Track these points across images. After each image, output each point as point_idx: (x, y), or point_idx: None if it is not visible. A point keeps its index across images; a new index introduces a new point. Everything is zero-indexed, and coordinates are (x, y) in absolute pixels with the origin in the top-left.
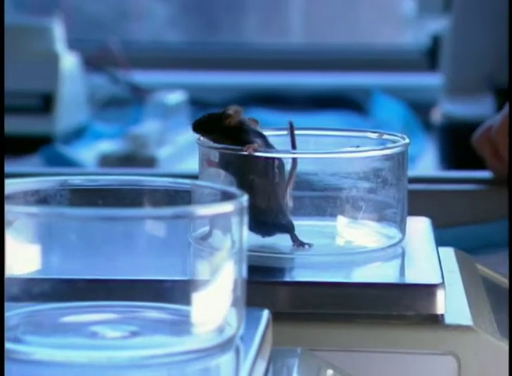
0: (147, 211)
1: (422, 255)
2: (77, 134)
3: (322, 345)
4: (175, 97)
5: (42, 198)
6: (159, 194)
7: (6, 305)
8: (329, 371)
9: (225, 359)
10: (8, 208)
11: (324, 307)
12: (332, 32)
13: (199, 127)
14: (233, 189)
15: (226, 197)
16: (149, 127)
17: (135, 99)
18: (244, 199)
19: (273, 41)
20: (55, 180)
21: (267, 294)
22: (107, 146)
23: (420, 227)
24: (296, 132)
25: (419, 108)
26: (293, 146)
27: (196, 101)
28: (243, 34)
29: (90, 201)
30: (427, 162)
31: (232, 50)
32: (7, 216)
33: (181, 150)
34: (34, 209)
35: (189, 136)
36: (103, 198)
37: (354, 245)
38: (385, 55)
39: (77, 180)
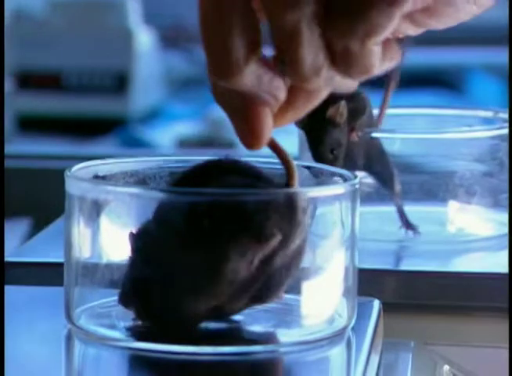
0: (251, 191)
1: None
2: (153, 115)
3: (436, 339)
4: None
5: (141, 179)
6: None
7: (105, 291)
8: (446, 367)
9: (336, 352)
10: (108, 189)
11: (436, 298)
12: None
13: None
14: (343, 171)
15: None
16: None
17: None
18: (356, 181)
19: None
20: (154, 160)
21: (373, 284)
22: (184, 128)
23: None
24: (395, 111)
25: None
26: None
27: None
28: None
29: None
30: None
31: None
32: (107, 196)
33: None
34: (134, 189)
35: None
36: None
37: (466, 232)
38: (480, 30)
39: (174, 161)
